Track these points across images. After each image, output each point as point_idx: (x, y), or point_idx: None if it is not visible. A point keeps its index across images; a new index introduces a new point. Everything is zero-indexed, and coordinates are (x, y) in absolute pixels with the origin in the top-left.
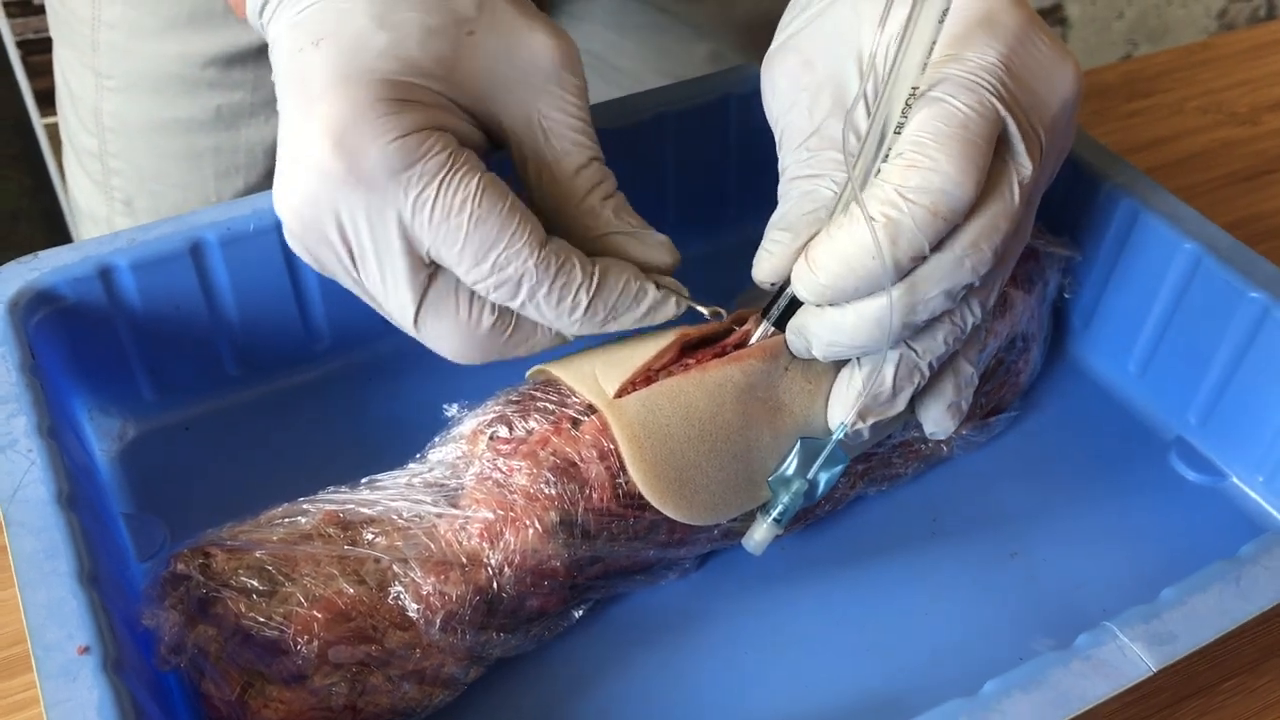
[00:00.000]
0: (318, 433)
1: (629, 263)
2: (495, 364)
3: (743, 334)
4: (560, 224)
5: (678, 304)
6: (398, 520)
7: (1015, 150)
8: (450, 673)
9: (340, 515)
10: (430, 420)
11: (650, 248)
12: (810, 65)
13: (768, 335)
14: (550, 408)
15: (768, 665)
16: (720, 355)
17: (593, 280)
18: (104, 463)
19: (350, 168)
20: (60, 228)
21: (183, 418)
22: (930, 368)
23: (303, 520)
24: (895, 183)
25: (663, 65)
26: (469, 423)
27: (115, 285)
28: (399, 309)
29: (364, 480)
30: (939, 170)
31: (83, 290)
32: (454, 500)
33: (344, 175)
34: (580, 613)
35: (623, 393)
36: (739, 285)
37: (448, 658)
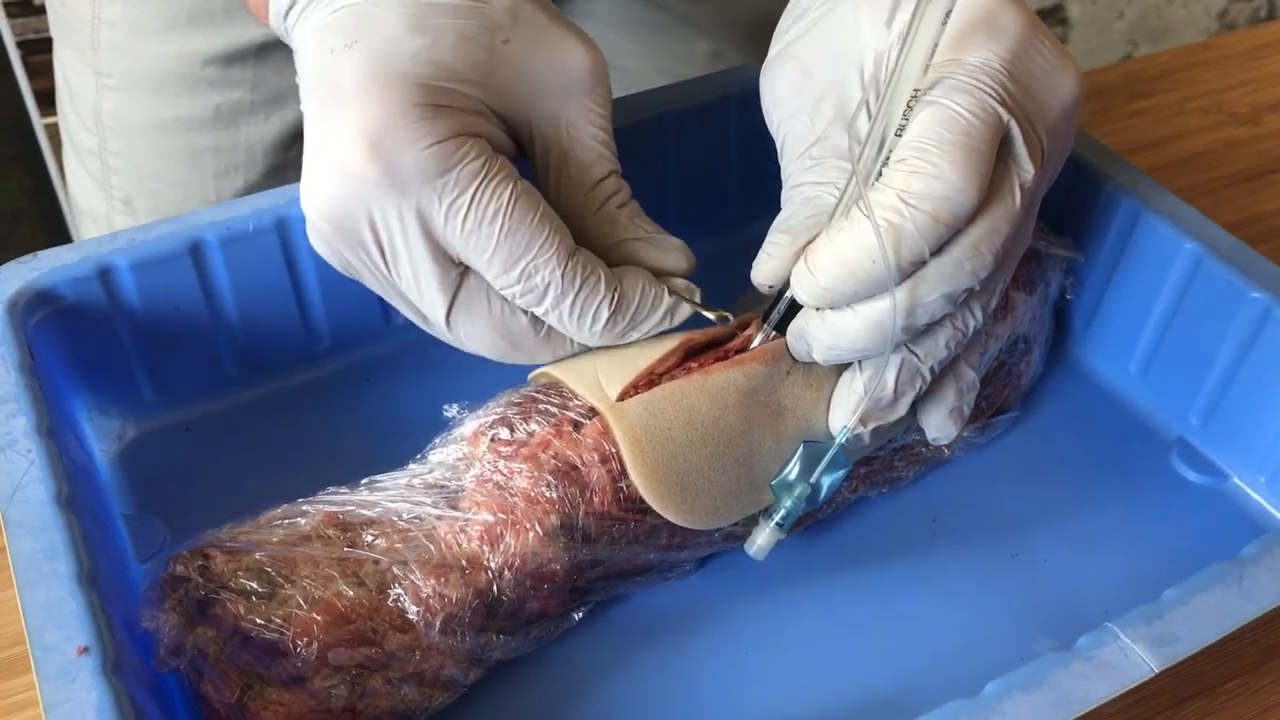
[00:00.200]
0: (318, 433)
1: (643, 268)
2: (496, 365)
3: (744, 338)
4: (576, 230)
5: (689, 309)
6: (398, 522)
7: (1017, 154)
8: (450, 675)
9: (340, 517)
10: (430, 421)
11: (666, 252)
12: (810, 73)
13: (769, 339)
14: (552, 410)
15: (768, 666)
16: (723, 359)
17: (615, 294)
18: (104, 463)
19: (384, 172)
20: (60, 228)
21: (182, 418)
22: (932, 372)
23: (302, 522)
24: (898, 188)
25: (663, 64)
26: (470, 424)
27: (115, 285)
28: (431, 308)
29: (364, 481)
30: (942, 177)
31: (82, 290)
32: (454, 502)
33: (377, 179)
34: (580, 615)
35: (625, 396)
36: (739, 285)
37: (447, 660)
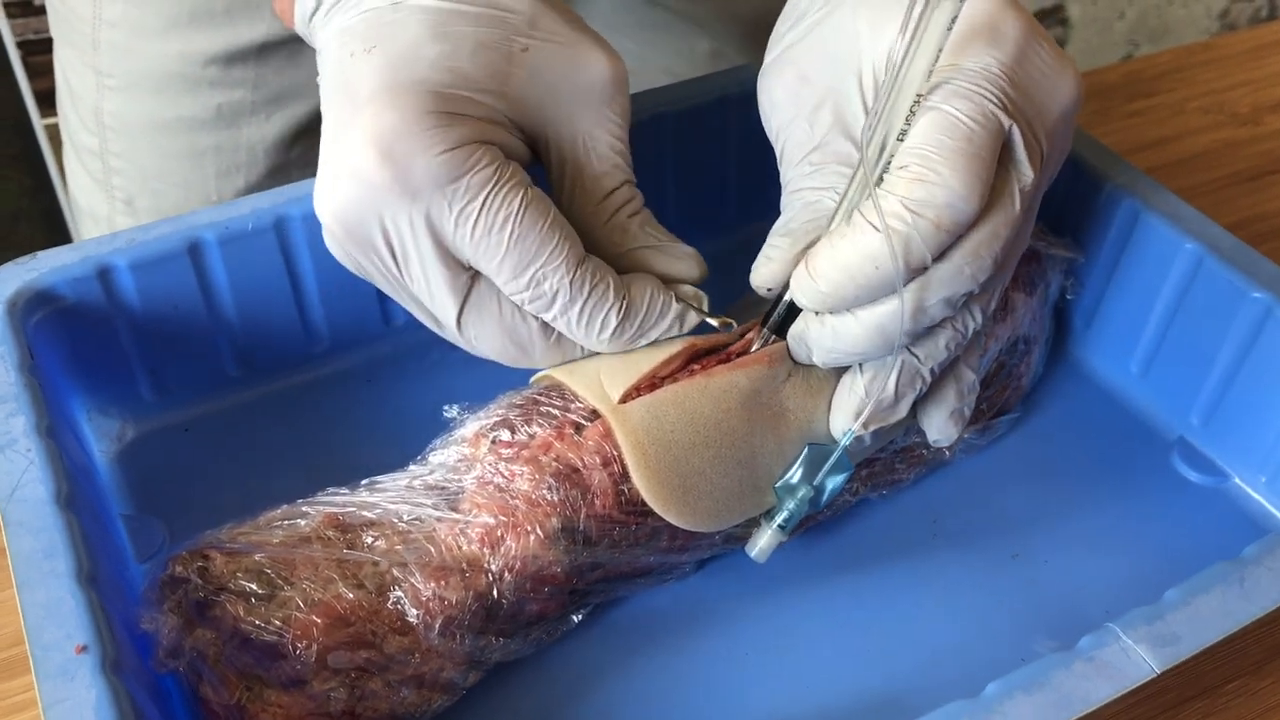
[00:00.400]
0: (317, 434)
1: (652, 276)
2: (496, 367)
3: (746, 341)
4: (588, 238)
5: (697, 316)
6: (398, 524)
7: (1018, 159)
8: (449, 677)
9: (340, 518)
10: (430, 422)
11: (677, 260)
12: (807, 79)
13: (768, 342)
14: (554, 412)
15: (768, 667)
16: (724, 361)
17: (623, 301)
18: (103, 464)
19: (396, 177)
20: (60, 228)
21: (182, 418)
22: (932, 373)
23: (302, 523)
24: (900, 195)
25: (664, 63)
26: (471, 425)
27: (114, 285)
28: (442, 312)
29: (364, 482)
30: (945, 184)
31: (82, 290)
32: (454, 504)
33: (389, 184)
34: (579, 617)
35: (627, 398)
36: (738, 286)
37: (447, 662)
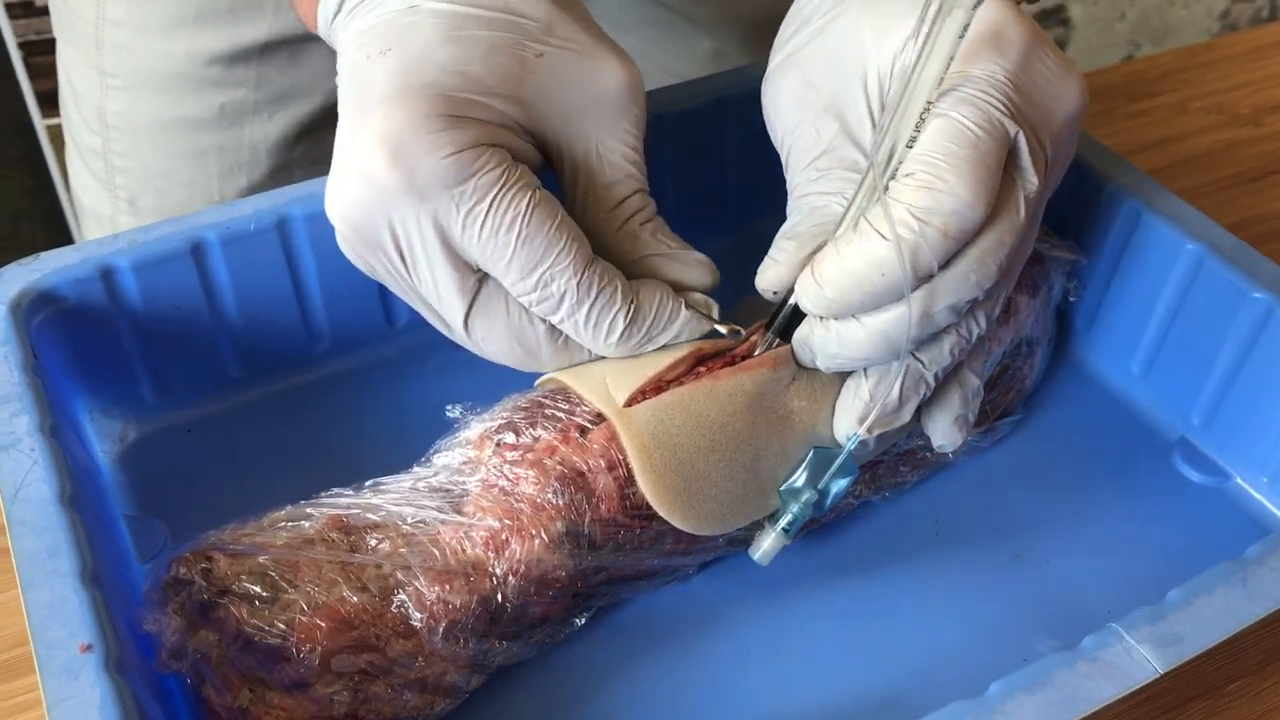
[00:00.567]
0: (319, 434)
1: (663, 282)
2: (498, 368)
3: (750, 344)
4: (599, 245)
5: (706, 324)
6: (402, 526)
7: (1022, 166)
8: (452, 681)
9: (344, 520)
10: (432, 422)
11: (689, 268)
12: (812, 84)
13: (772, 346)
14: (559, 415)
15: (772, 668)
16: (729, 364)
17: (631, 305)
18: (105, 464)
19: (403, 179)
20: (62, 229)
21: (184, 419)
22: (936, 378)
23: (306, 524)
24: (907, 202)
25: (666, 62)
26: (476, 427)
27: (116, 286)
28: (449, 313)
29: (368, 483)
30: (952, 192)
31: (84, 291)
32: (459, 506)
33: (396, 186)
34: (583, 619)
35: (632, 402)
36: (737, 286)
37: (450, 666)
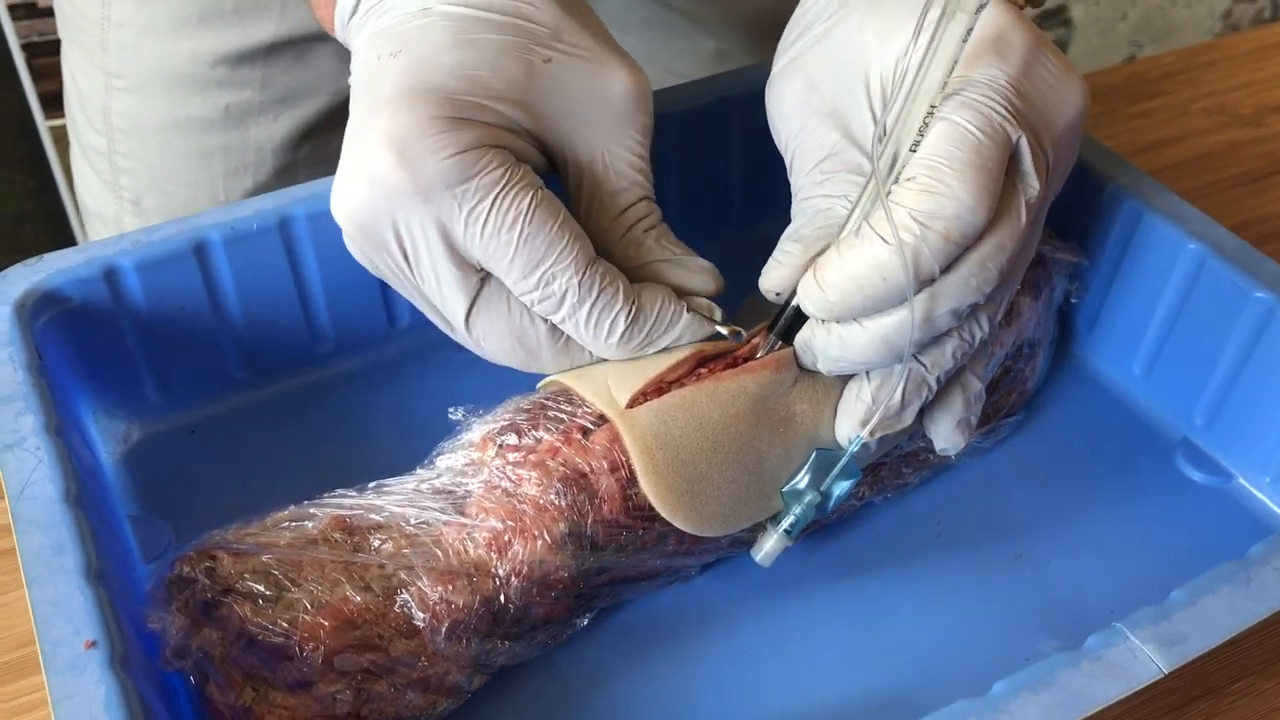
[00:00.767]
0: (322, 435)
1: (665, 286)
2: (501, 369)
3: (752, 346)
4: (603, 249)
5: (708, 327)
6: (405, 527)
7: (1024, 171)
8: (455, 681)
9: (347, 520)
10: (435, 423)
11: (693, 274)
12: (816, 88)
13: (774, 347)
14: (561, 417)
15: (774, 669)
16: (731, 366)
17: (633, 306)
18: (109, 465)
19: (407, 179)
20: (65, 230)
21: (187, 420)
22: (938, 381)
23: (309, 524)
24: (909, 206)
25: (669, 63)
26: (478, 429)
27: (120, 286)
28: (451, 312)
29: (371, 484)
30: (954, 197)
31: (88, 291)
32: (461, 507)
33: (400, 185)
34: (585, 620)
35: (635, 403)
36: (739, 287)
37: (452, 666)
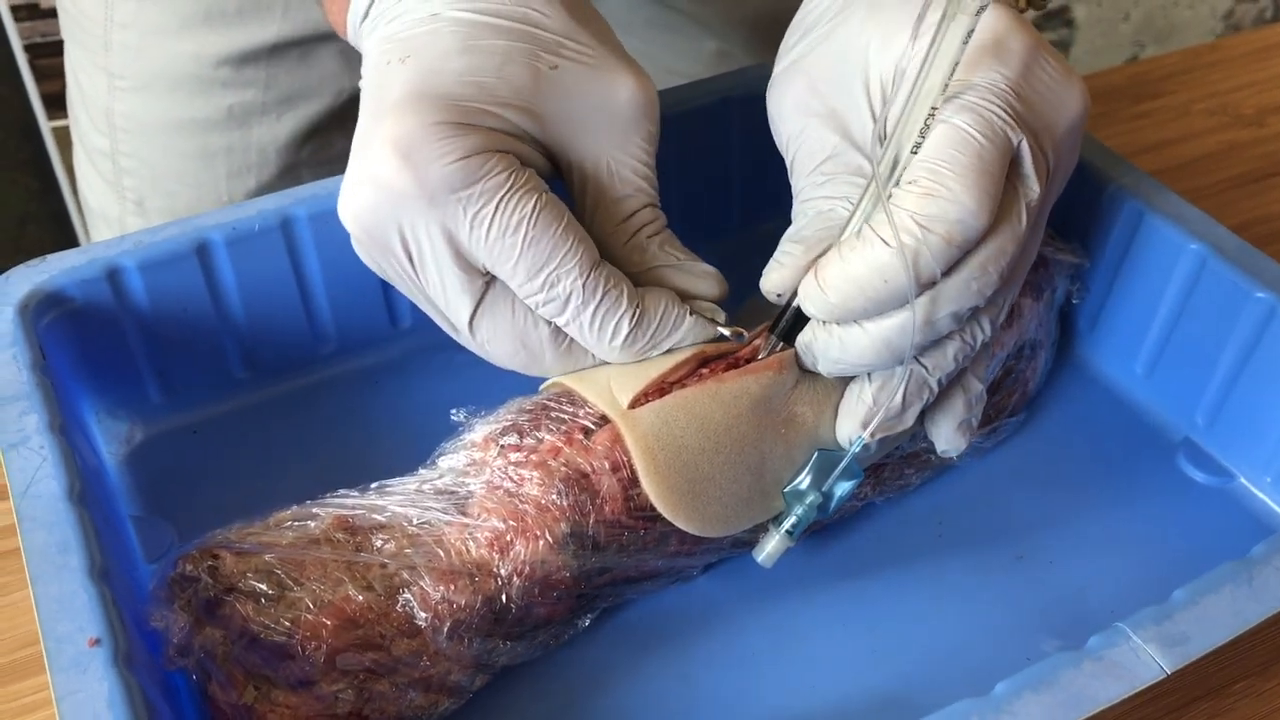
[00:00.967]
0: (324, 436)
1: (669, 290)
2: (504, 371)
3: (754, 347)
4: (608, 254)
5: (712, 331)
6: (407, 527)
7: (1025, 174)
8: (456, 680)
9: (349, 520)
10: (437, 424)
11: (697, 279)
12: (817, 89)
13: (775, 349)
14: (563, 417)
15: (776, 669)
16: (733, 366)
17: (636, 310)
18: (112, 465)
19: (412, 183)
20: (68, 231)
21: (190, 420)
22: (939, 383)
23: (312, 524)
24: (911, 209)
25: (670, 63)
26: (480, 430)
27: (123, 287)
28: (455, 315)
29: (373, 485)
30: (955, 200)
31: (91, 292)
32: (463, 507)
33: (405, 189)
34: (586, 620)
35: (637, 404)
36: (740, 288)
37: (454, 666)
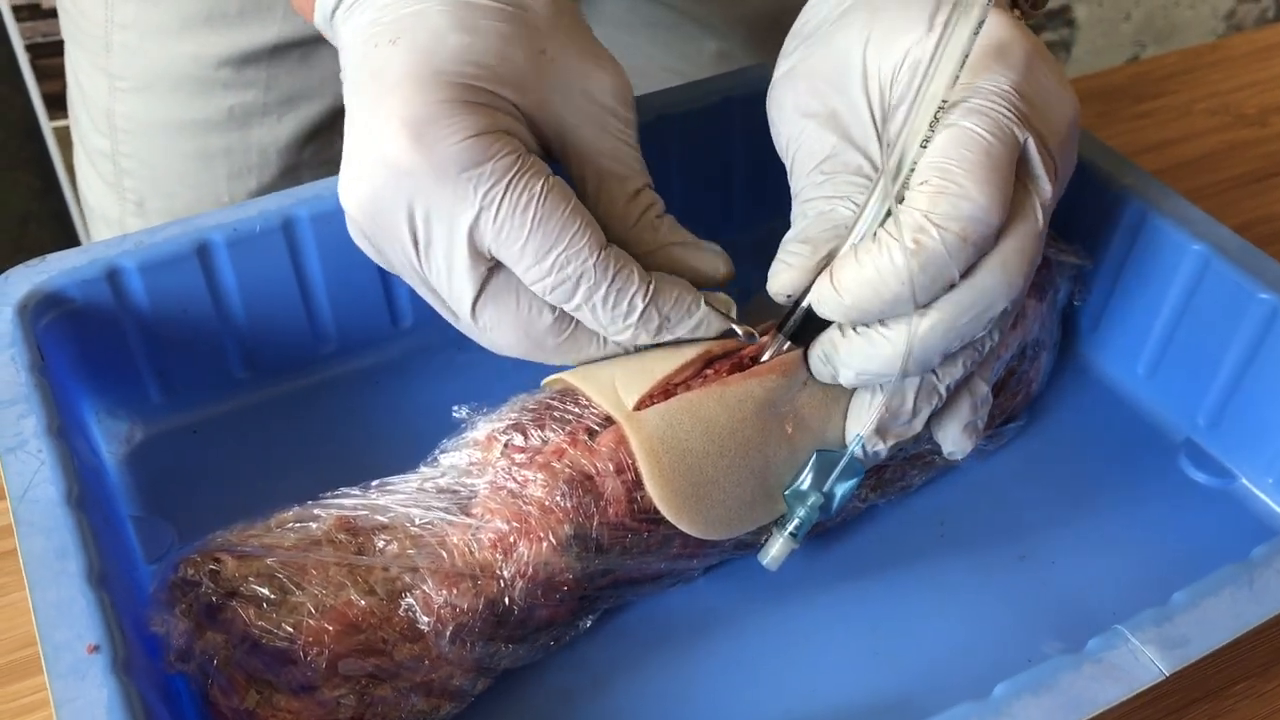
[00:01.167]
0: (325, 436)
1: (681, 278)
2: (504, 371)
3: (759, 347)
4: (616, 240)
5: (724, 322)
6: (410, 527)
7: (1035, 174)
8: (458, 684)
9: (351, 521)
10: (437, 424)
11: (706, 256)
12: (817, 92)
13: (783, 349)
14: (567, 417)
15: (777, 670)
16: (738, 367)
17: (649, 287)
18: (112, 465)
19: (422, 161)
20: (69, 231)
21: (190, 420)
22: (948, 389)
23: (314, 525)
24: (923, 209)
25: (671, 63)
26: (483, 428)
27: (123, 287)
28: (458, 301)
29: (375, 483)
30: (967, 196)
31: (91, 292)
32: (466, 507)
33: (415, 169)
34: (588, 622)
35: (642, 405)
36: (741, 288)
37: (456, 670)
